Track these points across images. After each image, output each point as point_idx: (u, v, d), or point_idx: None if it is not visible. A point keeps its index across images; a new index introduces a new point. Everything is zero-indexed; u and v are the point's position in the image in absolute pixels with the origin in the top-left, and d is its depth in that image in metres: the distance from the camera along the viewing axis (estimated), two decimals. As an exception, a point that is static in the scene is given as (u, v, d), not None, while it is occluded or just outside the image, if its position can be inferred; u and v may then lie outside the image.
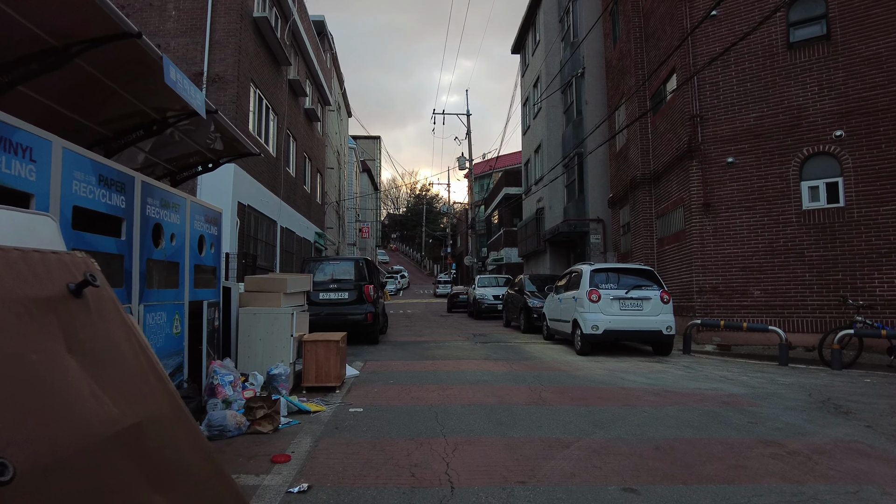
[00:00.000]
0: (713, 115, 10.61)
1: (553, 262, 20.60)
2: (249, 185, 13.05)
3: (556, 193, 20.53)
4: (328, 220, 25.57)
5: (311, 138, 20.43)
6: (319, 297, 10.75)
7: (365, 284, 10.82)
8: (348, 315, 10.61)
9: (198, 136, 5.59)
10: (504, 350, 9.82)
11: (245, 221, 12.80)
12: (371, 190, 53.04)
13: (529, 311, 13.29)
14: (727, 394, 6.08)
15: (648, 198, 13.26)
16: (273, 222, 15.16)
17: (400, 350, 9.93)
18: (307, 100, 19.74)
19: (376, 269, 12.57)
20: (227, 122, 5.24)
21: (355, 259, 11.22)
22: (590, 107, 18.46)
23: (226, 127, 5.26)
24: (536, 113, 22.57)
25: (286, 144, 16.70)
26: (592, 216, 17.95)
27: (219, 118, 4.95)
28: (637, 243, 13.71)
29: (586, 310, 9.02)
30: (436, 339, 12.26)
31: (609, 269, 9.43)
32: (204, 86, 12.09)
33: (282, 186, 15.78)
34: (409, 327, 16.27)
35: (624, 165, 15.10)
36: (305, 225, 18.98)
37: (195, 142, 5.58)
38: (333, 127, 27.53)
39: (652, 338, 9.06)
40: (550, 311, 11.25)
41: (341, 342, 6.17)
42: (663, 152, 12.43)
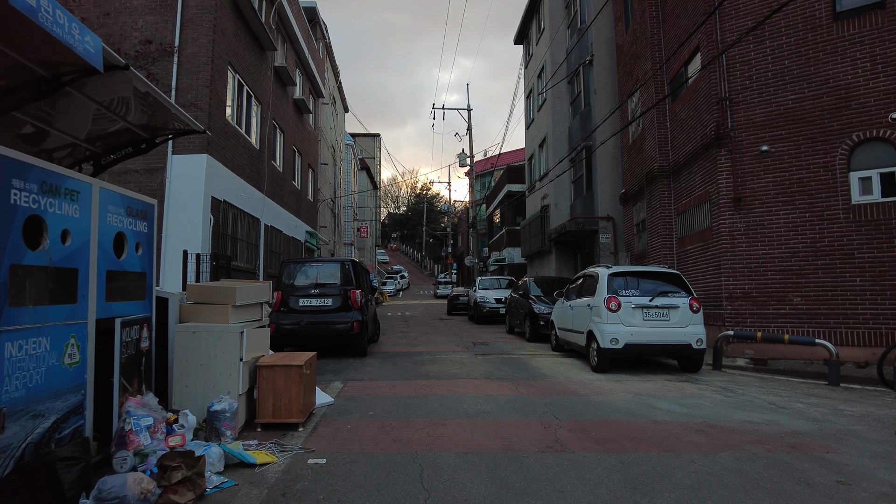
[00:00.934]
0: (744, 98, 9.36)
1: (559, 264, 19.36)
2: (226, 178, 11.85)
3: (562, 190, 19.29)
4: (322, 219, 24.37)
5: (301, 131, 19.22)
6: (299, 303, 9.54)
7: (351, 289, 9.61)
8: (332, 324, 9.40)
9: (120, 107, 4.37)
10: (508, 366, 8.60)
11: (220, 219, 11.60)
12: (370, 188, 51.80)
13: (535, 317, 12.06)
14: (788, 430, 4.85)
15: (667, 193, 12.02)
16: (256, 220, 13.95)
17: (389, 365, 8.70)
18: (296, 90, 18.52)
19: (365, 272, 11.35)
20: (151, 85, 4.02)
21: (340, 261, 10.01)
22: (598, 96, 17.22)
23: (149, 92, 4.04)
24: (541, 105, 21.33)
25: (272, 136, 15.49)
26: (602, 214, 16.71)
27: (132, 76, 3.73)
28: (654, 243, 12.47)
29: (604, 320, 7.78)
30: (432, 348, 11.03)
31: (630, 273, 8.20)
32: (175, 67, 10.88)
33: (266, 181, 14.57)
34: (405, 334, 15.06)
35: (638, 158, 13.86)
36: (294, 223, 17.78)
37: (114, 113, 4.36)
38: (328, 121, 26.33)
39: (680, 352, 7.83)
40: (560, 320, 10.02)
41: (306, 367, 4.94)
42: (685, 142, 11.19)
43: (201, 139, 10.78)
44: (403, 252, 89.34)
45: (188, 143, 10.82)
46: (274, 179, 15.62)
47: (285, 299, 9.58)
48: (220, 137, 11.50)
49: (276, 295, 9.64)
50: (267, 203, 14.71)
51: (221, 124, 11.60)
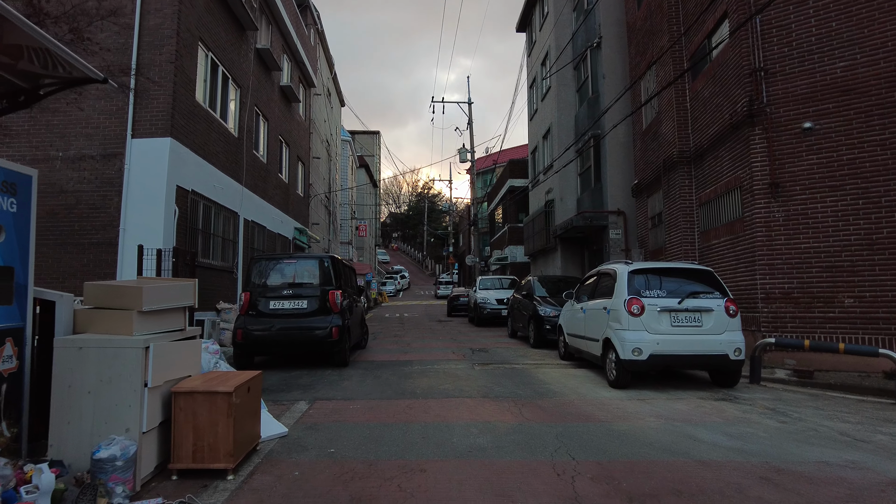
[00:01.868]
0: (782, 68, 8.10)
1: (565, 262, 18.10)
2: (196, 166, 10.63)
3: (569, 183, 18.03)
4: (315, 216, 23.17)
5: (288, 121, 18.01)
6: (270, 306, 8.33)
7: (330, 290, 8.39)
8: (307, 330, 8.18)
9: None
10: (510, 379, 7.35)
11: (189, 211, 10.38)
12: (368, 186, 50.59)
13: (540, 321, 10.82)
14: (886, 479, 3.60)
15: (688, 181, 10.76)
16: (233, 214, 12.73)
17: (371, 378, 7.46)
18: (283, 76, 17.31)
19: (349, 271, 10.12)
20: (20, 17, 2.80)
21: (319, 257, 8.78)
22: (607, 81, 15.95)
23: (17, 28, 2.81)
24: (545, 94, 20.07)
25: (254, 124, 14.28)
26: (612, 208, 15.44)
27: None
28: (673, 237, 11.20)
29: (624, 326, 6.53)
30: (424, 356, 9.80)
31: (654, 271, 6.94)
32: (135, 41, 9.67)
33: (246, 172, 13.35)
34: (399, 337, 13.82)
35: (653, 145, 12.60)
36: (281, 219, 16.56)
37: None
38: (321, 114, 25.12)
39: (715, 364, 6.56)
40: (570, 324, 8.77)
41: (240, 393, 3.71)
42: (708, 123, 9.92)
43: (164, 121, 9.57)
44: (405, 252, 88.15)
45: (149, 125, 9.61)
46: (256, 170, 14.41)
47: (254, 301, 8.36)
48: (187, 120, 10.29)
49: (243, 296, 8.43)
50: (247, 196, 13.50)
51: (189, 106, 10.39)
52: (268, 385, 6.89)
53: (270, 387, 6.78)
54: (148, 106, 9.64)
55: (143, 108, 9.64)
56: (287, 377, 7.54)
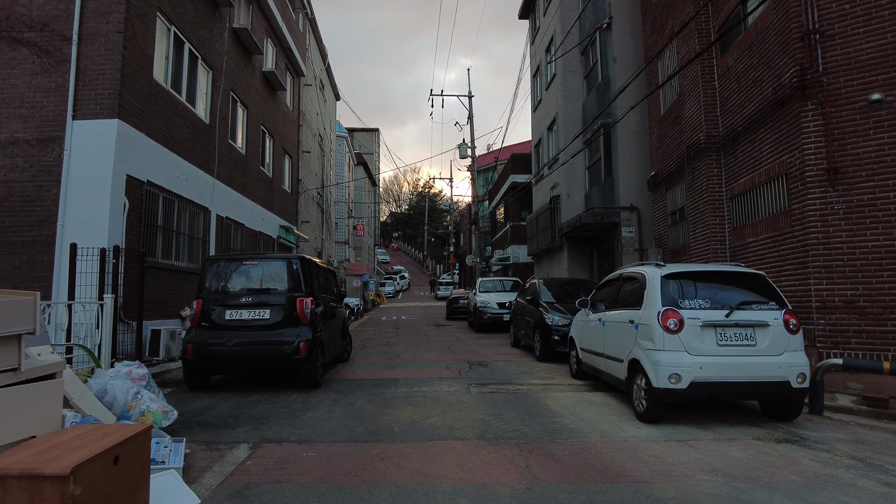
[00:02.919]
0: (843, 29, 6.73)
1: (572, 263, 16.71)
2: (154, 154, 9.30)
3: (576, 177, 16.65)
4: (305, 213, 21.83)
5: (273, 111, 16.67)
6: (226, 316, 6.98)
7: (299, 297, 7.03)
8: (269, 345, 6.83)
9: None
10: (513, 408, 5.98)
11: (145, 205, 9.05)
12: (367, 184, 49.27)
13: (548, 331, 9.45)
14: None
15: (716, 170, 9.38)
16: (202, 209, 11.39)
17: (342, 407, 6.10)
18: (266, 61, 15.97)
19: (326, 274, 8.76)
20: None
21: (286, 258, 7.42)
22: (619, 65, 14.57)
23: None
24: (550, 82, 18.69)
25: (229, 111, 12.94)
26: (624, 203, 14.06)
27: None
28: (698, 235, 9.83)
29: (658, 345, 5.16)
30: (413, 372, 8.44)
31: (692, 275, 5.58)
32: (77, 6, 8.33)
33: (218, 163, 12.01)
34: (389, 347, 12.47)
35: (673, 131, 11.22)
36: (262, 216, 15.21)
37: None
38: (312, 106, 23.79)
39: (773, 393, 5.18)
40: (584, 338, 7.39)
41: (81, 478, 2.35)
42: (743, 101, 8.55)
43: (110, 100, 8.24)
44: (405, 252, 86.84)
45: (94, 105, 8.28)
46: (232, 162, 13.07)
47: (207, 310, 7.01)
48: (143, 101, 8.96)
49: (195, 305, 7.08)
50: (220, 189, 12.16)
51: (145, 85, 9.05)
52: (212, 416, 5.54)
53: (214, 419, 5.43)
54: (92, 83, 8.30)
55: (87, 86, 8.30)
56: (240, 404, 6.19)
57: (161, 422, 4.77)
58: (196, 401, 6.39)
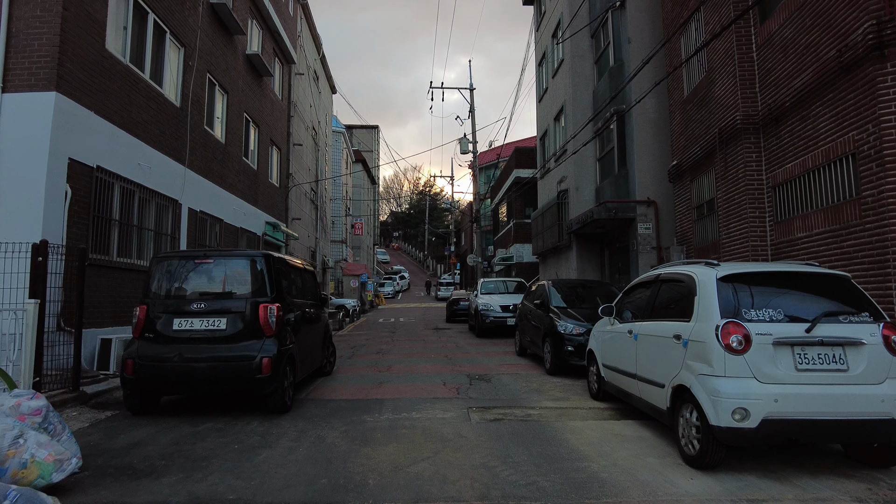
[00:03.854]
0: (929, -25, 5.47)
1: (581, 262, 15.44)
2: (108, 136, 8.07)
3: (585, 169, 15.39)
4: (296, 210, 20.60)
5: (258, 98, 15.43)
6: (174, 326, 5.74)
7: (262, 303, 5.79)
8: (224, 361, 5.59)
9: None
10: (524, 447, 4.72)
11: (95, 194, 7.82)
12: (367, 183, 48.04)
13: (560, 340, 8.20)
14: None
15: (755, 155, 8.13)
16: (171, 202, 10.16)
17: (307, 445, 4.85)
18: (250, 43, 14.75)
19: (302, 276, 7.52)
20: None
21: (249, 256, 6.17)
22: (634, 46, 13.33)
23: None
24: (557, 69, 17.43)
25: (205, 94, 11.71)
26: (640, 197, 12.82)
27: None
28: (732, 230, 8.57)
29: (718, 370, 3.91)
30: (404, 390, 7.20)
31: (756, 277, 4.33)
32: (10, -37, 7.12)
33: (190, 150, 10.77)
34: (380, 356, 11.23)
35: (700, 114, 9.96)
36: (244, 210, 13.98)
37: None
38: (305, 97, 22.56)
39: (872, 434, 3.91)
40: (608, 352, 6.14)
41: None
42: (791, 72, 7.29)
43: (47, 70, 7.01)
44: (405, 251, 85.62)
45: (28, 75, 7.05)
46: (209, 151, 11.84)
47: (152, 319, 5.78)
48: (91, 75, 7.73)
49: (138, 311, 5.85)
50: (193, 180, 10.92)
51: (95, 56, 7.83)
52: (139, 458, 4.30)
53: (139, 463, 4.19)
54: (26, 49, 7.07)
55: (20, 53, 7.07)
56: (184, 437, 4.96)
57: (51, 475, 3.55)
58: (131, 431, 5.16)
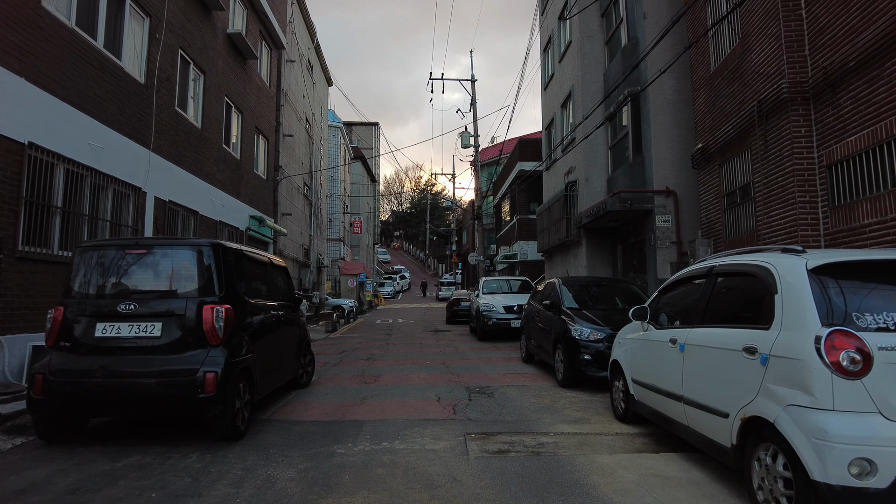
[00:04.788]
0: None
1: (591, 259, 14.22)
2: (44, 108, 6.90)
3: (596, 159, 14.19)
4: (287, 205, 19.45)
5: (242, 83, 14.27)
6: (96, 333, 4.57)
7: (208, 304, 4.61)
8: (157, 378, 4.42)
9: None
10: (539, 499, 3.52)
11: (27, 175, 6.65)
12: (366, 179, 46.88)
13: (575, 347, 6.99)
14: None
15: (805, 129, 6.92)
16: (133, 189, 8.99)
17: (246, 496, 3.66)
18: (231, 20, 13.58)
19: (263, 270, 6.28)
20: None
21: (195, 245, 4.96)
22: (650, 22, 12.11)
23: None
24: (564, 52, 16.23)
25: (177, 72, 10.55)
26: (658, 186, 11.61)
27: None
28: (774, 218, 7.37)
29: (822, 400, 2.71)
30: (388, 410, 6.01)
31: (863, 267, 3.13)
32: None
33: (156, 132, 9.60)
34: (371, 361, 10.05)
35: (732, 88, 8.76)
36: (223, 202, 12.80)
37: None
38: (297, 87, 21.41)
39: None
40: (641, 365, 4.93)
41: None
42: (855, 26, 6.09)
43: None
44: (406, 251, 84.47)
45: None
46: (181, 135, 10.67)
47: (70, 323, 4.59)
48: (23, 36, 6.57)
49: (53, 314, 4.67)
50: (160, 166, 9.76)
51: (28, 15, 6.66)
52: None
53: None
54: (-63, 0, 5.92)
55: (-70, 4, 5.91)
56: (95, 478, 3.78)
57: None
58: (29, 470, 3.99)
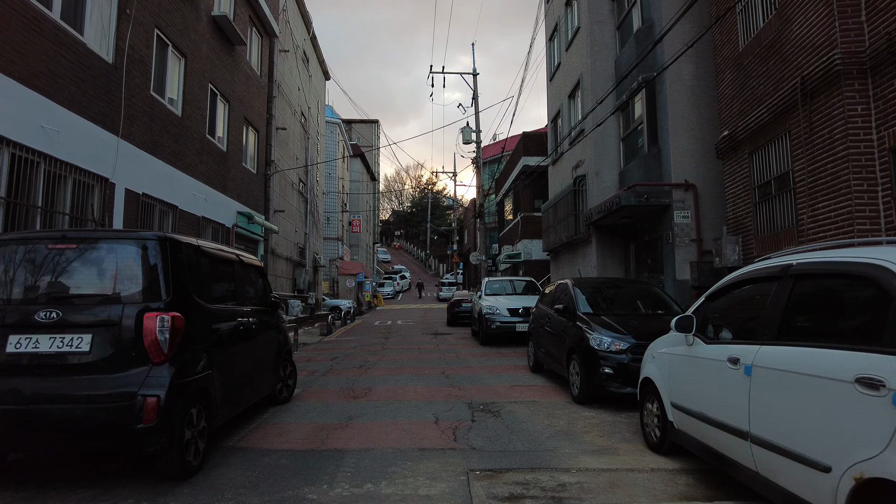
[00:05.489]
0: None
1: (602, 258, 13.30)
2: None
3: (607, 151, 13.29)
4: (280, 202, 18.57)
5: (229, 70, 13.38)
6: (7, 347, 3.65)
7: (150, 311, 3.71)
8: (83, 403, 3.51)
9: None
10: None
11: (-38, 162, 5.76)
12: (365, 177, 45.98)
13: (593, 358, 6.07)
14: None
15: (862, 106, 6.01)
16: (98, 180, 8.10)
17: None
18: (218, 3, 12.69)
19: (228, 269, 5.34)
20: None
21: (137, 239, 4.05)
22: (665, 2, 11.20)
23: None
24: (571, 39, 15.32)
25: (153, 53, 9.66)
26: (676, 179, 10.70)
27: None
28: (820, 211, 6.46)
29: None
30: (377, 436, 5.10)
31: None
32: None
33: (125, 117, 8.71)
34: (364, 370, 9.15)
35: (767, 66, 7.84)
36: (206, 197, 11.90)
37: None
38: (292, 78, 20.53)
39: None
40: (684, 386, 4.02)
41: None
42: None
43: None
44: (407, 251, 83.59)
45: None
46: (158, 123, 9.78)
47: (-24, 336, 3.69)
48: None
49: (-41, 324, 3.76)
50: (132, 155, 8.86)
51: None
52: None
53: None
54: None
55: None
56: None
57: None
58: None
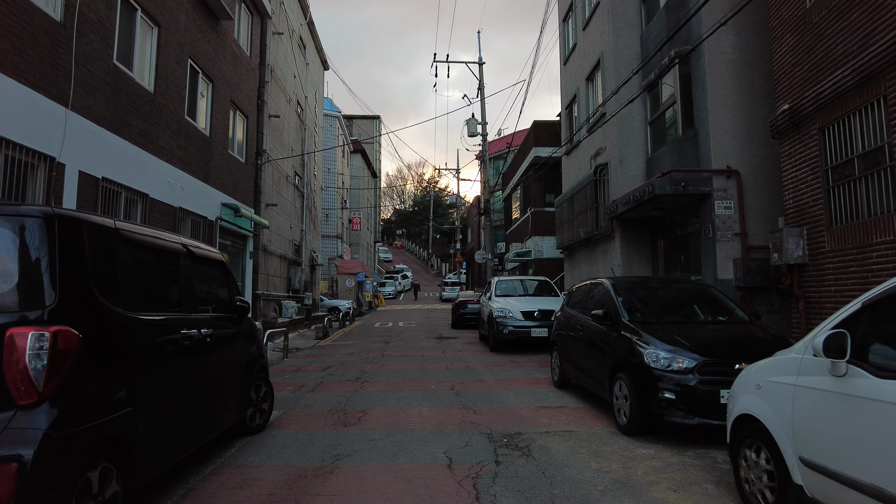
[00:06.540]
0: None
1: (627, 257, 11.92)
2: None
3: (632, 137, 11.94)
4: (273, 195, 17.24)
5: (213, 46, 12.06)
6: None
7: (17, 325, 2.36)
8: None
9: None
10: None
11: None
12: (366, 173, 44.65)
13: (649, 379, 4.71)
14: None
15: None
16: (42, 158, 6.78)
17: None
18: (198, -30, 11.36)
19: (172, 263, 4.00)
20: None
21: (11, 215, 2.72)
22: (705, -34, 9.84)
23: None
24: (589, 17, 13.97)
25: (116, 16, 8.33)
26: (717, 165, 9.36)
27: None
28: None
29: None
30: (365, 494, 3.76)
31: None
32: None
33: (76, 84, 7.38)
34: (359, 383, 7.81)
35: (847, 21, 6.50)
36: (185, 184, 10.57)
37: None
38: (287, 65, 19.22)
39: None
40: (829, 441, 2.69)
41: None
42: None
43: None
44: (409, 250, 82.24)
45: None
46: (121, 95, 8.46)
47: None
48: None
49: None
50: (87, 131, 7.54)
51: None
52: None
53: None
54: None
55: None
56: None
57: None
58: None
